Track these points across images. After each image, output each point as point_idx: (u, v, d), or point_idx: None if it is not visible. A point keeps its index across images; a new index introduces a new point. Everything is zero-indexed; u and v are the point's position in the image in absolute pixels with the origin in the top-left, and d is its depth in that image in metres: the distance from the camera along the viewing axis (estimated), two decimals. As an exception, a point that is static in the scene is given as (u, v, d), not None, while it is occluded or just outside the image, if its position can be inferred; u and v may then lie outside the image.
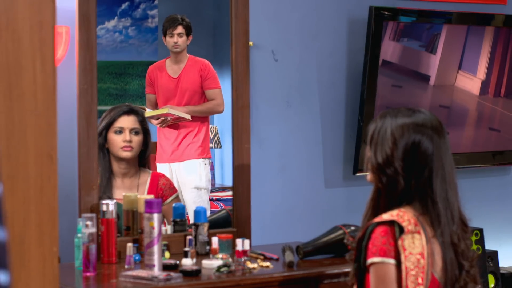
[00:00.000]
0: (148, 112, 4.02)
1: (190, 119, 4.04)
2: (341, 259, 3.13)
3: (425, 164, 2.53)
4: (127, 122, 3.62)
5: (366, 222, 2.60)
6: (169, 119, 4.04)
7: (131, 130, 3.61)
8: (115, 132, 3.60)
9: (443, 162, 2.55)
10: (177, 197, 3.71)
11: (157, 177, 3.69)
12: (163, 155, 4.10)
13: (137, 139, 3.62)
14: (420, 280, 2.45)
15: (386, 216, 2.50)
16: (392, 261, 2.48)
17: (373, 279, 2.50)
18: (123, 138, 3.59)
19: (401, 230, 2.47)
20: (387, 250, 2.47)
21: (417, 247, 2.47)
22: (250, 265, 3.07)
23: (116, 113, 3.62)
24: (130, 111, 3.64)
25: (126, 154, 3.60)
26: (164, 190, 3.66)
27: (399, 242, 2.46)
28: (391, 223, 2.49)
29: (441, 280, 2.51)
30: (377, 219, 2.51)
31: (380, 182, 2.57)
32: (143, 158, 3.67)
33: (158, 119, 4.05)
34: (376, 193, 2.61)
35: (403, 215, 2.49)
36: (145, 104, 4.14)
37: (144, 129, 3.65)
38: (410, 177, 2.53)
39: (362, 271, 2.55)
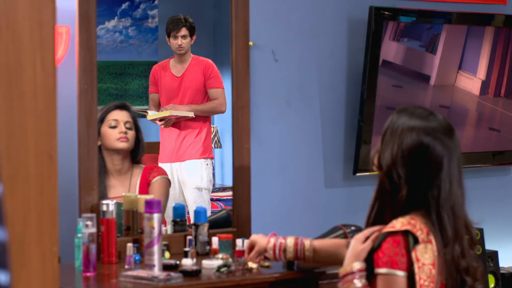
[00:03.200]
0: (151, 115, 4.02)
1: (194, 116, 4.05)
2: (341, 259, 3.13)
3: (434, 171, 2.48)
4: (120, 115, 3.62)
5: (369, 225, 2.56)
6: (172, 119, 4.05)
7: (125, 123, 3.61)
8: (110, 126, 3.59)
9: (451, 169, 2.49)
10: (166, 179, 3.67)
11: (148, 168, 3.68)
12: (165, 154, 4.11)
13: (131, 133, 3.62)
14: None
15: (398, 225, 2.44)
16: (402, 273, 2.41)
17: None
18: (118, 130, 3.59)
19: (415, 240, 2.42)
20: (399, 262, 2.41)
21: (429, 257, 2.41)
22: (251, 264, 3.07)
23: (109, 107, 3.62)
24: (122, 106, 3.66)
25: (123, 144, 3.59)
26: (151, 173, 3.64)
27: (413, 253, 2.41)
28: (405, 233, 2.43)
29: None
30: (389, 228, 2.45)
31: (383, 185, 2.53)
32: (136, 155, 3.66)
33: (161, 120, 4.06)
34: (379, 193, 2.55)
35: (416, 224, 2.44)
36: (148, 104, 4.14)
37: (136, 126, 3.66)
38: (414, 186, 2.49)
39: (369, 277, 2.51)
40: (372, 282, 2.49)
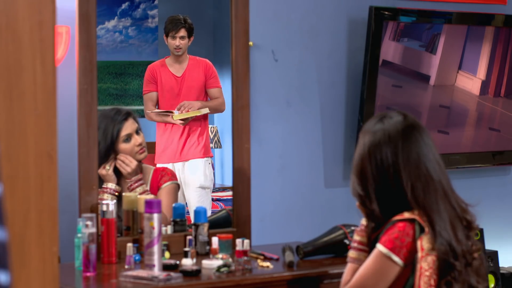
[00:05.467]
0: (177, 115, 3.98)
1: (209, 111, 4.05)
2: (341, 259, 3.12)
3: (396, 181, 2.48)
4: (130, 127, 3.58)
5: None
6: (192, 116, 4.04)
7: (136, 131, 3.58)
8: (124, 141, 3.56)
9: (410, 171, 2.48)
10: (176, 185, 3.66)
11: (159, 170, 3.67)
12: (167, 154, 4.10)
13: (142, 138, 3.60)
14: (432, 282, 2.43)
15: (407, 214, 2.46)
16: (396, 259, 2.44)
17: (371, 262, 2.48)
18: (134, 142, 3.55)
19: (422, 229, 2.45)
20: (395, 245, 2.45)
21: (432, 248, 2.44)
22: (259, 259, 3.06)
23: (117, 123, 3.55)
24: (128, 115, 3.59)
25: (143, 155, 3.58)
26: (163, 176, 3.63)
27: (419, 242, 2.43)
28: (412, 221, 2.46)
29: None
30: (398, 217, 2.48)
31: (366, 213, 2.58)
32: None
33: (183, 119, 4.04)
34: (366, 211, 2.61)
35: (422, 215, 2.47)
36: (146, 104, 4.14)
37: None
38: (383, 199, 2.51)
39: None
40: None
